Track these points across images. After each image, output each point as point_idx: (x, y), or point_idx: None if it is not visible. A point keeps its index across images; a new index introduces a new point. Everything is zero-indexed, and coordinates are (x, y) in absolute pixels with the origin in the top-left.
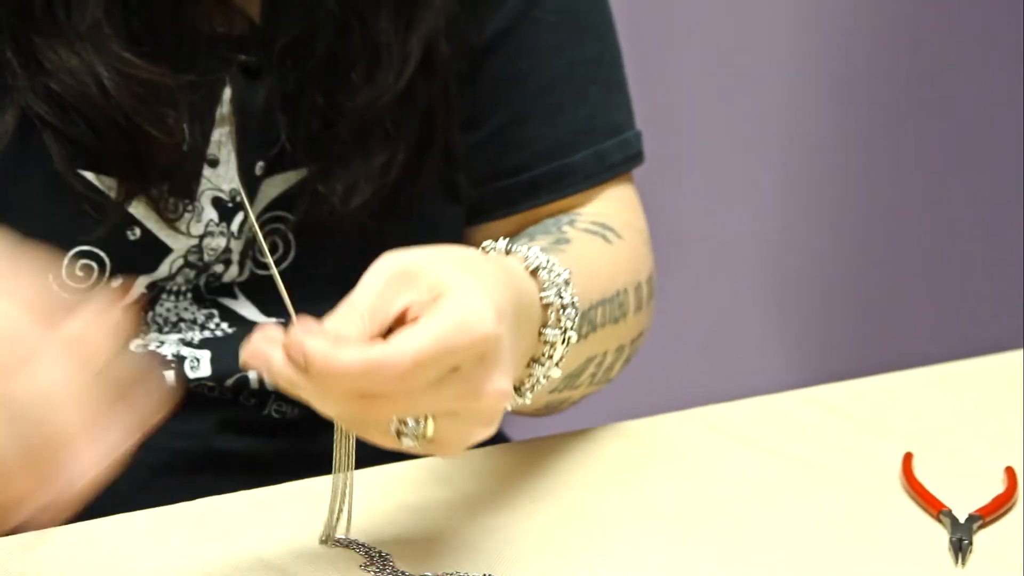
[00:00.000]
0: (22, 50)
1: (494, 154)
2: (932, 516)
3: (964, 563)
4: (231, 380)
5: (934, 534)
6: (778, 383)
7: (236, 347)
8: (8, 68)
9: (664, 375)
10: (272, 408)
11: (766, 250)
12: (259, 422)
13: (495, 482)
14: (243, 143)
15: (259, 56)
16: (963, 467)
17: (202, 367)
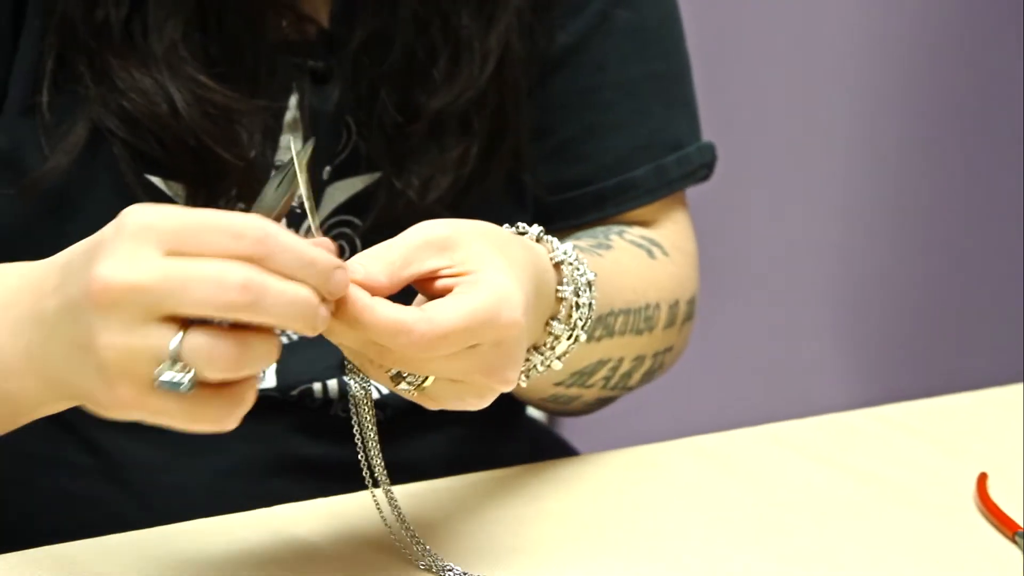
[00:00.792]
0: (96, 67)
1: (561, 165)
2: (1007, 537)
3: None
4: (296, 391)
5: (1009, 555)
6: (841, 401)
7: (301, 357)
8: (81, 82)
9: (729, 391)
10: (339, 408)
11: (831, 267)
12: (328, 424)
13: (567, 494)
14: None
15: (329, 61)
16: None
17: (267, 378)
